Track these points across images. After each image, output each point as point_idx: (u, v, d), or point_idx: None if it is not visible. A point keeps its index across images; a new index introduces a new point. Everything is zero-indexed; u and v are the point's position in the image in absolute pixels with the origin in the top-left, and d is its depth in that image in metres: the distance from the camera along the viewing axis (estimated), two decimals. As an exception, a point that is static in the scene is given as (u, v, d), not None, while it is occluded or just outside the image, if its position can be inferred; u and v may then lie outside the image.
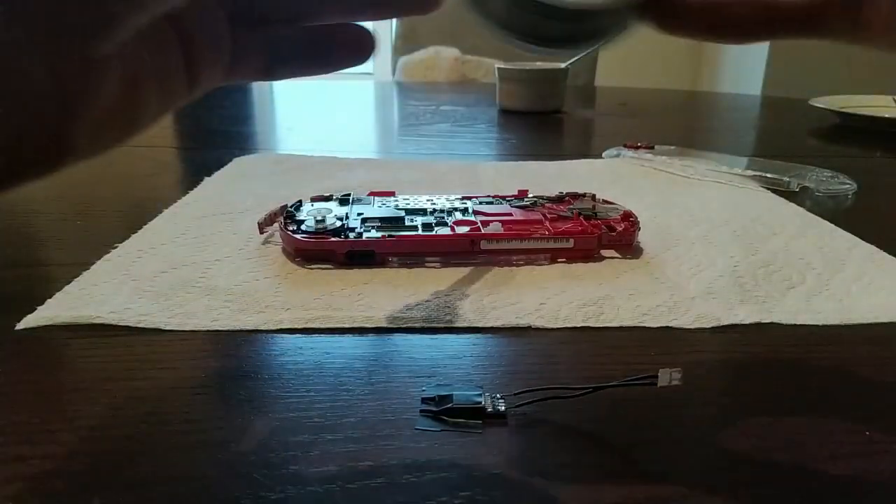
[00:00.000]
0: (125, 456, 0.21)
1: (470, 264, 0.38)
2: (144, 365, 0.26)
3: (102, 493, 0.19)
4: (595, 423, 0.23)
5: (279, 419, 0.23)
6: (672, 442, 0.22)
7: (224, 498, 0.19)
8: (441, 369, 0.27)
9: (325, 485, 0.20)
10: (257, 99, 1.20)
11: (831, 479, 0.21)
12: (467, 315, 0.31)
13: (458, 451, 0.22)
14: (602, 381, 0.24)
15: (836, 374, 0.28)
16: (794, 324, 0.31)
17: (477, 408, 0.24)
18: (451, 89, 1.32)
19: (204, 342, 0.29)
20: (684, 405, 0.24)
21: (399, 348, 0.29)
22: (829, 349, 0.26)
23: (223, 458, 0.21)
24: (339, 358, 0.28)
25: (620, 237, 0.40)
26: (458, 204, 0.44)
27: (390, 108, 1.17)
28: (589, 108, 1.12)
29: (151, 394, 0.25)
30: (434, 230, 0.39)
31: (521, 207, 0.44)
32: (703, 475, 0.21)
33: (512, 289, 0.35)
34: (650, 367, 0.23)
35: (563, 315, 0.32)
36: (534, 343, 0.30)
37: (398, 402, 0.24)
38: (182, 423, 0.23)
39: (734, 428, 0.23)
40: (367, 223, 0.40)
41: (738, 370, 0.28)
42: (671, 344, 0.30)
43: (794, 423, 0.24)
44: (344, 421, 0.23)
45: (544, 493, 0.20)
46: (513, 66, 0.95)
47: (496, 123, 0.90)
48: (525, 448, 0.22)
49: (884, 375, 0.27)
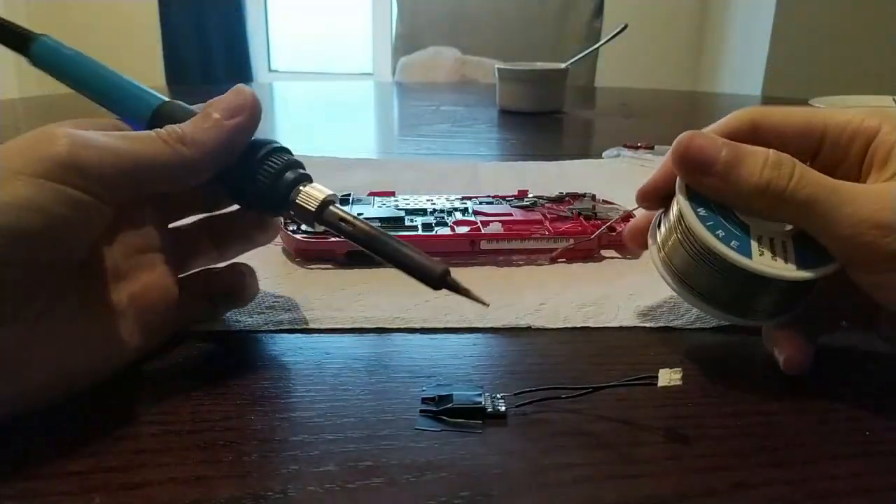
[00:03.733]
0: (124, 456, 0.21)
1: (470, 264, 0.38)
2: (144, 365, 0.26)
3: (103, 492, 0.19)
4: (595, 423, 0.23)
5: (279, 419, 0.23)
6: (672, 442, 0.22)
7: (224, 498, 0.19)
8: (441, 369, 0.27)
9: (325, 485, 0.20)
10: (257, 99, 1.20)
11: (831, 479, 0.21)
12: (467, 315, 0.31)
13: (458, 451, 0.22)
14: (602, 381, 0.24)
15: (836, 374, 0.27)
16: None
17: (477, 408, 0.24)
18: (451, 89, 1.32)
19: (204, 342, 0.29)
20: (684, 405, 0.24)
21: (399, 348, 0.29)
22: (829, 349, 0.26)
23: (223, 458, 0.21)
24: (339, 358, 0.28)
25: (620, 237, 0.40)
26: (458, 204, 0.44)
27: (390, 108, 1.17)
28: (589, 108, 1.13)
29: (151, 394, 0.25)
30: (434, 230, 0.39)
31: (521, 207, 0.44)
32: (703, 475, 0.21)
33: (512, 289, 0.35)
34: (650, 367, 0.23)
35: (563, 315, 0.32)
36: (534, 343, 0.30)
37: (398, 402, 0.24)
38: (182, 423, 0.23)
39: (734, 428, 0.23)
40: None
41: (738, 370, 0.28)
42: (671, 344, 0.30)
43: (794, 422, 0.24)
44: (344, 421, 0.23)
45: (544, 493, 0.20)
46: (513, 66, 0.95)
47: (496, 123, 0.90)
48: (525, 448, 0.22)
49: (884, 375, 0.27)
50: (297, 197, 0.26)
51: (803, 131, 0.27)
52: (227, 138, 0.25)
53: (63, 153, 0.21)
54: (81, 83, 0.28)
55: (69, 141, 0.21)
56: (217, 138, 0.25)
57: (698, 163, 0.26)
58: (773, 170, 0.24)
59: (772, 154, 0.25)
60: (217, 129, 0.25)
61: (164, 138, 0.24)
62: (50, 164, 0.21)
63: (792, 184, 0.24)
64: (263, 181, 0.26)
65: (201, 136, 0.25)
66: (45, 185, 0.21)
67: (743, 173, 0.25)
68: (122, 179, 0.23)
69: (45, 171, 0.21)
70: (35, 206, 0.20)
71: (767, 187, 0.24)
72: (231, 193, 0.28)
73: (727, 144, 0.25)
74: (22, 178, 0.20)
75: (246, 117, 0.26)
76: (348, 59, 2.75)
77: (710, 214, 0.26)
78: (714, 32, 2.36)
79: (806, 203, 0.24)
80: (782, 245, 0.26)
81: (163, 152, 0.24)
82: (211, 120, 0.25)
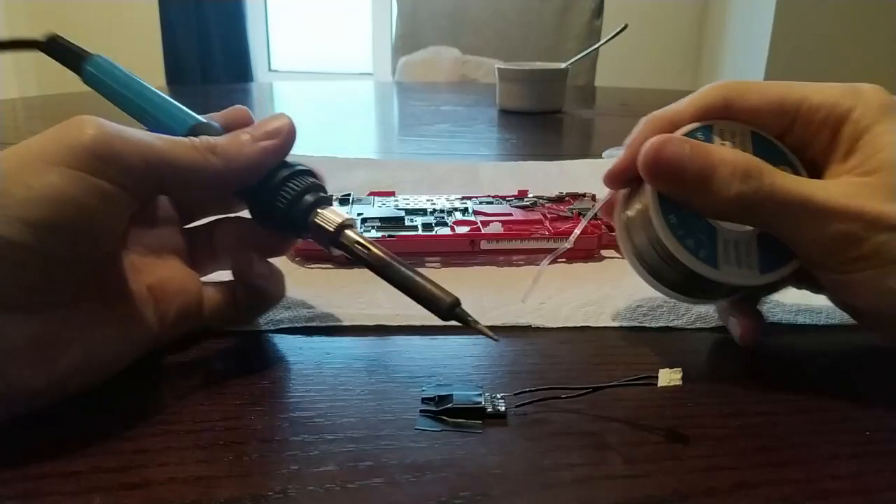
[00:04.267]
0: (124, 456, 0.21)
1: (470, 264, 0.38)
2: (144, 365, 0.26)
3: (103, 492, 0.19)
4: (595, 423, 0.23)
5: (279, 419, 0.23)
6: (672, 442, 0.22)
7: (224, 498, 0.19)
8: (441, 369, 0.27)
9: (325, 485, 0.20)
10: (257, 99, 1.20)
11: (831, 479, 0.21)
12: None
13: (458, 451, 0.22)
14: (602, 381, 0.24)
15: (836, 374, 0.28)
16: (795, 323, 0.31)
17: (477, 408, 0.24)
18: (451, 89, 1.32)
19: (204, 342, 0.29)
20: (684, 405, 0.24)
21: (399, 348, 0.29)
22: (829, 349, 0.26)
23: (223, 458, 0.21)
24: (339, 358, 0.28)
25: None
26: (458, 204, 0.44)
27: (390, 108, 1.17)
28: (589, 108, 1.13)
29: (151, 394, 0.25)
30: (434, 230, 0.39)
31: (521, 207, 0.44)
32: (703, 475, 0.21)
33: (512, 289, 0.35)
34: (650, 367, 0.23)
35: (563, 315, 0.32)
36: (534, 343, 0.30)
37: (398, 402, 0.24)
38: (181, 423, 0.23)
39: (734, 428, 0.23)
40: (367, 223, 0.40)
41: (738, 370, 0.28)
42: (671, 344, 0.30)
43: (794, 422, 0.24)
44: (344, 421, 0.23)
45: (544, 493, 0.20)
46: (513, 66, 0.95)
47: (496, 123, 0.90)
48: (525, 448, 0.22)
49: (884, 375, 0.27)
50: (314, 219, 0.27)
51: (777, 111, 0.27)
52: (257, 157, 0.26)
53: (96, 143, 0.21)
54: (126, 101, 0.29)
55: (102, 131, 0.22)
56: (247, 155, 0.26)
57: (667, 176, 0.25)
58: (743, 183, 0.24)
59: (740, 165, 0.25)
60: (249, 146, 0.26)
61: (196, 145, 0.25)
62: (83, 153, 0.21)
63: (761, 196, 0.24)
64: (283, 203, 0.27)
65: (232, 150, 0.25)
66: (77, 175, 0.21)
67: (713, 188, 0.25)
68: (150, 173, 0.23)
69: (77, 162, 0.21)
70: (67, 198, 0.21)
71: (737, 201, 0.24)
72: (250, 210, 0.28)
73: (695, 155, 0.25)
74: (55, 168, 0.21)
75: (279, 142, 0.27)
76: (348, 59, 2.75)
77: (679, 221, 0.26)
78: (714, 32, 2.36)
79: (775, 214, 0.25)
80: (747, 248, 0.26)
81: (192, 157, 0.24)
82: (244, 138, 0.26)
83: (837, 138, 0.26)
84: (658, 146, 0.25)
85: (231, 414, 0.23)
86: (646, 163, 0.25)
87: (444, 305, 0.25)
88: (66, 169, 0.21)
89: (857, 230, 0.24)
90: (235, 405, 0.24)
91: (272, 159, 0.27)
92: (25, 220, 0.20)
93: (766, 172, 0.25)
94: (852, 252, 0.24)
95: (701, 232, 0.26)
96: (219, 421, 0.23)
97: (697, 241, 0.26)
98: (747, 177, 0.24)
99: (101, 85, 0.29)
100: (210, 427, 0.23)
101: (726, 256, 0.26)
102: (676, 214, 0.26)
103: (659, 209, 0.26)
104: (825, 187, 0.25)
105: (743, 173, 0.24)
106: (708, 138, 0.26)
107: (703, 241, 0.26)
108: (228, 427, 0.23)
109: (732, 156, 0.25)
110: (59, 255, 0.21)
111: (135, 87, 0.29)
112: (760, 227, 0.26)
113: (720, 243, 0.26)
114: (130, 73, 0.29)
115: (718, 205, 0.25)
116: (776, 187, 0.24)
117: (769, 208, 0.24)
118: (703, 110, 0.27)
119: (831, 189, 0.24)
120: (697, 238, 0.26)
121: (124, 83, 0.29)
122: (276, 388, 0.25)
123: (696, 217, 0.26)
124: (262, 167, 0.27)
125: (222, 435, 0.22)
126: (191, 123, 0.28)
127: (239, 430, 0.22)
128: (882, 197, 0.24)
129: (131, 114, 0.29)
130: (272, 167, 0.27)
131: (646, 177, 0.26)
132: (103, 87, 0.29)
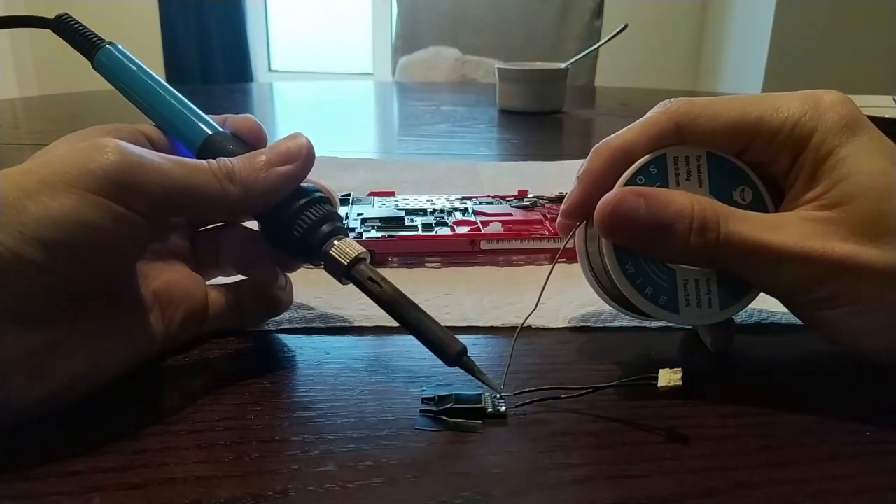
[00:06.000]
0: (124, 456, 0.21)
1: (470, 264, 0.38)
2: (144, 366, 0.26)
3: (102, 492, 0.19)
4: (595, 423, 0.23)
5: (279, 419, 0.23)
6: (672, 442, 0.22)
7: (224, 498, 0.19)
8: (441, 369, 0.27)
9: (325, 485, 0.20)
10: (257, 99, 1.20)
11: (831, 479, 0.21)
12: (467, 315, 0.31)
13: (458, 451, 0.22)
14: (602, 381, 0.24)
15: (836, 374, 0.27)
16: (794, 323, 0.31)
17: (477, 408, 0.24)
18: (451, 89, 1.32)
19: (204, 343, 0.29)
20: (684, 405, 0.24)
21: (399, 348, 0.29)
22: (829, 348, 0.26)
23: (223, 458, 0.21)
24: (339, 358, 0.28)
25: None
26: (458, 204, 0.44)
27: (390, 108, 1.17)
28: (589, 107, 1.13)
29: (152, 394, 0.25)
30: (434, 230, 0.39)
31: (521, 207, 0.44)
32: (703, 475, 0.21)
33: (512, 289, 0.35)
34: (650, 367, 0.23)
35: (563, 315, 0.32)
36: (534, 343, 0.30)
37: (398, 402, 0.24)
38: (181, 423, 0.23)
39: (734, 428, 0.23)
40: (367, 223, 0.40)
41: (738, 370, 0.28)
42: (671, 344, 0.30)
43: (794, 422, 0.24)
44: (344, 421, 0.23)
45: (544, 493, 0.20)
46: (513, 66, 0.95)
47: (496, 123, 0.90)
48: (525, 448, 0.22)
49: (885, 375, 0.27)
50: (329, 250, 0.26)
51: (733, 134, 0.26)
52: (275, 184, 0.26)
53: (117, 170, 0.21)
54: (137, 95, 0.29)
55: (123, 158, 0.22)
56: (265, 182, 0.25)
57: (623, 233, 0.25)
58: (699, 236, 0.24)
59: (697, 217, 0.24)
60: (266, 172, 0.25)
61: (216, 171, 0.24)
62: (104, 179, 0.21)
63: (719, 246, 0.24)
64: (299, 231, 0.26)
65: (250, 177, 0.25)
66: (96, 200, 0.21)
67: (670, 243, 0.24)
68: (168, 201, 0.23)
69: (97, 187, 0.21)
70: (84, 222, 0.21)
71: (694, 252, 0.24)
72: (263, 232, 0.28)
73: (650, 211, 0.24)
74: (74, 191, 0.21)
75: (297, 166, 0.26)
76: (348, 59, 2.76)
77: (637, 270, 0.26)
78: (714, 32, 2.36)
79: (733, 261, 0.24)
80: (707, 286, 0.26)
81: (211, 186, 0.24)
82: (261, 161, 0.26)
83: (799, 162, 0.25)
84: (614, 203, 0.24)
85: (231, 414, 0.23)
86: (602, 220, 0.25)
87: (452, 353, 0.24)
88: (85, 192, 0.21)
89: (817, 273, 0.23)
90: (235, 405, 0.24)
91: (290, 185, 0.26)
92: (40, 238, 0.20)
93: (722, 220, 0.24)
94: (814, 294, 0.24)
95: (659, 278, 0.26)
96: (219, 421, 0.23)
97: (656, 289, 0.26)
98: (703, 229, 0.24)
99: (111, 75, 0.29)
100: (210, 427, 0.23)
101: (686, 299, 0.26)
102: (633, 263, 0.26)
103: (616, 260, 0.26)
104: (784, 228, 0.24)
105: (699, 226, 0.24)
106: (662, 170, 0.26)
107: (662, 286, 0.26)
108: (228, 427, 0.23)
109: (689, 206, 0.24)
110: (70, 275, 0.21)
111: (149, 86, 0.29)
112: (720, 271, 0.26)
113: (679, 285, 0.26)
114: (145, 68, 0.29)
115: (676, 256, 0.25)
116: (732, 237, 0.24)
117: (727, 257, 0.24)
118: (656, 138, 0.26)
119: (791, 229, 0.24)
120: (656, 285, 0.26)
121: (138, 78, 0.29)
122: (276, 388, 0.25)
123: (653, 262, 0.26)
124: (280, 194, 0.26)
125: (222, 435, 0.22)
126: (204, 136, 0.28)
127: (239, 430, 0.22)
128: (843, 235, 0.23)
129: (141, 109, 0.29)
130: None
131: (602, 234, 0.25)
132: (113, 78, 0.29)
